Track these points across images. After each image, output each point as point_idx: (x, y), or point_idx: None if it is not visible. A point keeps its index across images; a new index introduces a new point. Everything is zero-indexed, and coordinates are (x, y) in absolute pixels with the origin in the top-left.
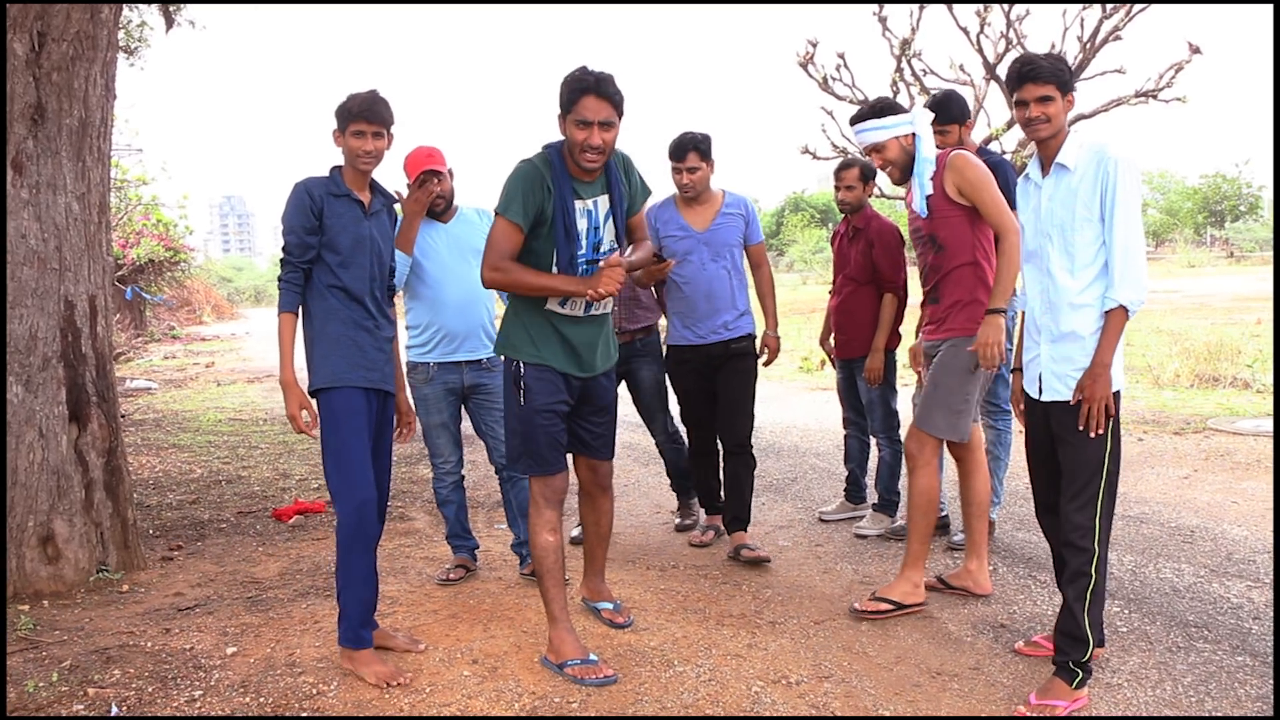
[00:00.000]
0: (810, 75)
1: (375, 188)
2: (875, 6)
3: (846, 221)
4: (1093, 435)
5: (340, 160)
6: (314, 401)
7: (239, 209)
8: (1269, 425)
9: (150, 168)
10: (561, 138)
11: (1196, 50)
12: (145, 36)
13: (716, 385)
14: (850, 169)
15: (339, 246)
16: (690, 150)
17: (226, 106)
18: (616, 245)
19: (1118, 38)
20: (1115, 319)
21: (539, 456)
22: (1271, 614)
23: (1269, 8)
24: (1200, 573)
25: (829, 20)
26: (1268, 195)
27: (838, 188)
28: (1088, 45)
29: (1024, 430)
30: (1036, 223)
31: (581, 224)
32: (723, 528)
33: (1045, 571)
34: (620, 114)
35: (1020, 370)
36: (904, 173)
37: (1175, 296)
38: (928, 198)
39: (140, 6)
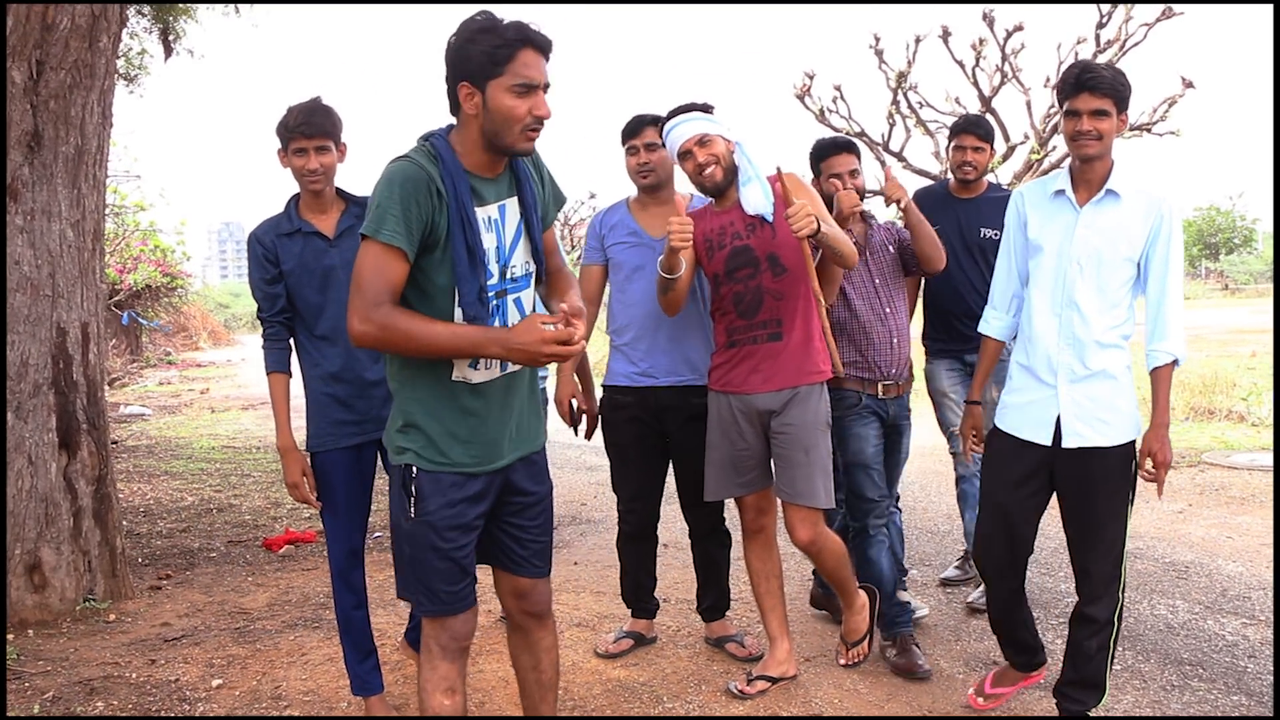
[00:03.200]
0: (807, 107)
1: (347, 200)
2: (871, 39)
3: None
4: (1158, 493)
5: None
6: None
7: (237, 235)
8: (1264, 459)
9: (149, 194)
10: (445, 124)
11: (1189, 85)
12: (145, 64)
13: (669, 447)
14: None
15: (304, 291)
16: (649, 125)
17: (226, 134)
18: (533, 269)
19: None
20: (1168, 374)
21: (433, 592)
22: (1267, 652)
23: (1261, 37)
24: (1195, 609)
25: (826, 52)
26: (1261, 228)
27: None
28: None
29: (993, 478)
30: (1064, 247)
31: (488, 240)
32: (648, 634)
33: (1038, 608)
34: None
35: (978, 404)
36: (728, 177)
37: None
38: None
39: (140, 35)
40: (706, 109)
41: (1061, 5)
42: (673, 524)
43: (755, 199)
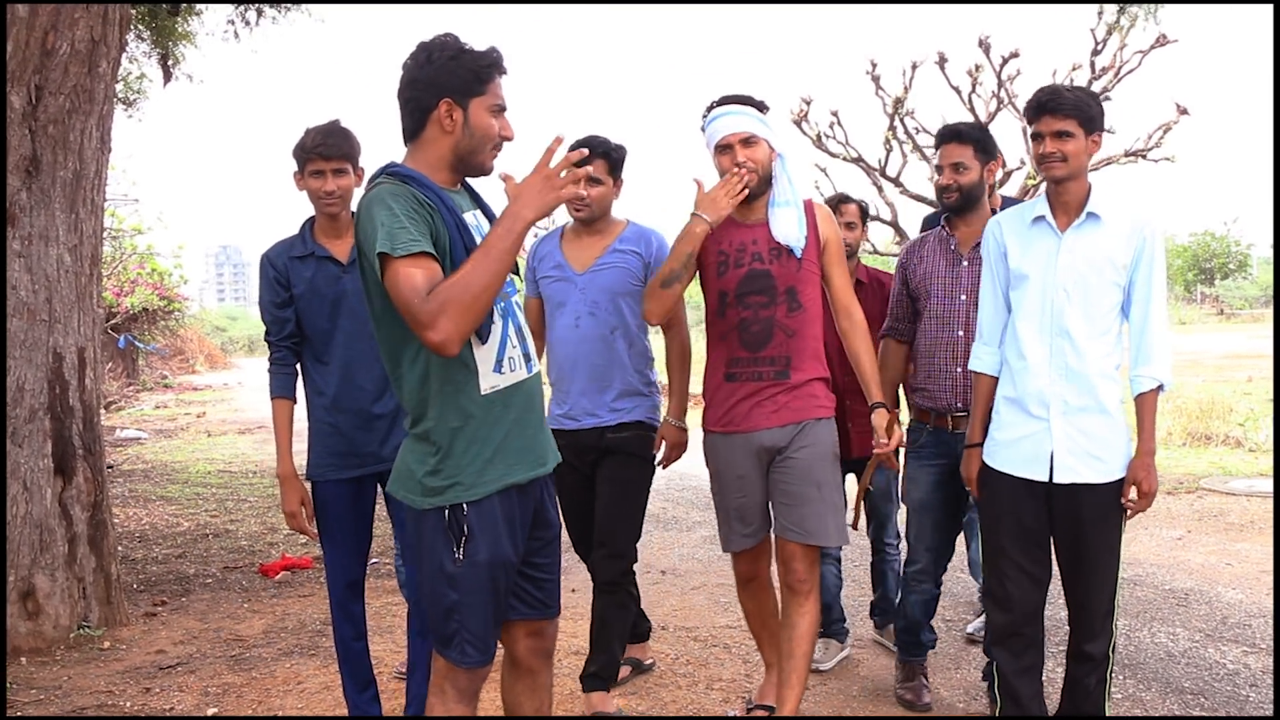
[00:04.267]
0: (804, 133)
1: None
2: (868, 65)
3: None
4: (1128, 516)
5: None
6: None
7: (235, 258)
8: (1262, 485)
9: (146, 217)
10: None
11: (1184, 111)
12: (144, 89)
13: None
14: (849, 203)
15: (314, 317)
16: (599, 157)
17: (225, 159)
18: (515, 272)
19: (1107, 98)
20: (1153, 400)
21: (482, 640)
22: (1268, 681)
23: (1254, 64)
24: (1195, 637)
25: (823, 78)
26: (1256, 253)
27: None
28: None
29: (990, 518)
30: (1049, 275)
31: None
32: (644, 659)
33: None
34: None
35: (978, 446)
36: (761, 187)
37: None
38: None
39: (139, 60)
40: (761, 107)
41: (1061, 3)
42: (670, 550)
43: (788, 228)
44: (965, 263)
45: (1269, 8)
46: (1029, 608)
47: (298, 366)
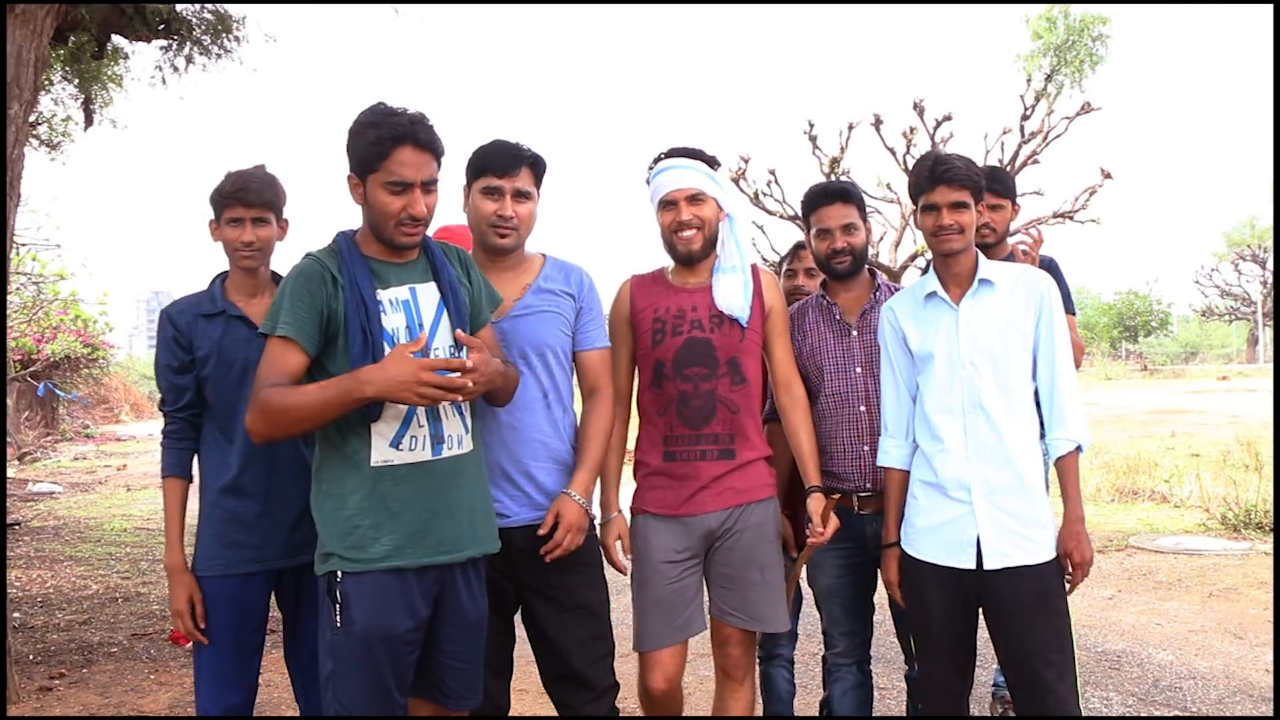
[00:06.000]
0: (742, 190)
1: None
2: (806, 124)
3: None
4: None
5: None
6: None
7: (166, 304)
8: (1189, 543)
9: (70, 263)
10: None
11: (1108, 175)
12: (69, 131)
13: (531, 606)
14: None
15: (219, 384)
16: (526, 165)
17: (160, 204)
18: (459, 353)
19: (1035, 161)
20: (1074, 462)
21: (355, 715)
22: None
23: (1174, 133)
24: (1129, 702)
25: (761, 137)
26: (1176, 311)
27: (794, 271)
28: (1008, 168)
29: (917, 612)
30: (953, 350)
31: (395, 320)
32: None
33: (974, 702)
34: (440, 168)
35: (896, 545)
36: (705, 249)
37: (1095, 409)
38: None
39: (65, 102)
40: (713, 163)
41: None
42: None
43: (733, 296)
44: (855, 333)
45: (1208, 54)
46: (957, 697)
47: (195, 442)
